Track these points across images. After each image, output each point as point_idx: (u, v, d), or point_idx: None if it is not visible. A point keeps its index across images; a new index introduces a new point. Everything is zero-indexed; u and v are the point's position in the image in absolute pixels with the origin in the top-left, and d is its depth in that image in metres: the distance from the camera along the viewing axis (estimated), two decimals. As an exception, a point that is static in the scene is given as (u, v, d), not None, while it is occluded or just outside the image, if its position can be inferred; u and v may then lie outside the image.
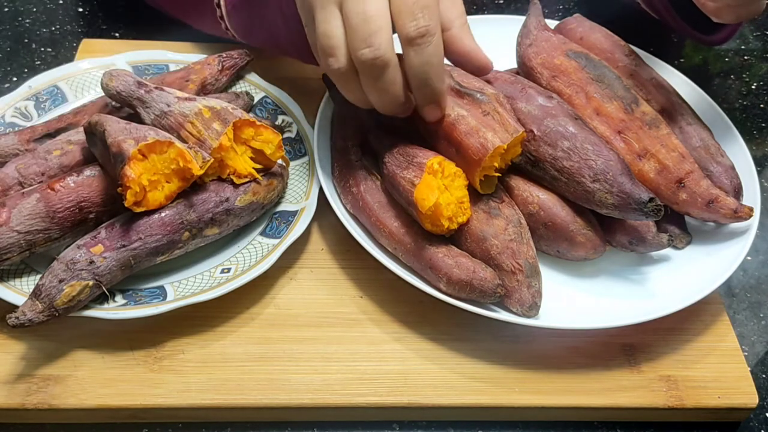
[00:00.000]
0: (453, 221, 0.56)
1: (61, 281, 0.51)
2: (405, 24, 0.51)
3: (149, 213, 0.54)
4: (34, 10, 0.85)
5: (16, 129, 0.64)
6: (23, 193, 0.55)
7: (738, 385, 0.56)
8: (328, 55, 0.53)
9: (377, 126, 0.64)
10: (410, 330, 0.58)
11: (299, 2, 0.56)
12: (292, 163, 0.65)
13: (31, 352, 0.54)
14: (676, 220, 0.62)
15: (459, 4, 0.58)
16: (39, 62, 0.78)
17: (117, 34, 0.81)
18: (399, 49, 0.53)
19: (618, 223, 0.59)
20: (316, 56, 0.56)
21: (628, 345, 0.58)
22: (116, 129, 0.55)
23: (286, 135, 0.67)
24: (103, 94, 0.62)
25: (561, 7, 0.90)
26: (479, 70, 0.59)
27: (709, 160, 0.63)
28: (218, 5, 0.70)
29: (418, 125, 0.60)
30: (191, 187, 0.56)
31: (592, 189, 0.57)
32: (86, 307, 0.53)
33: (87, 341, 0.55)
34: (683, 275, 0.60)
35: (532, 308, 0.55)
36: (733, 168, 0.63)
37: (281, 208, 0.62)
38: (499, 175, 0.58)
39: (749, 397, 0.56)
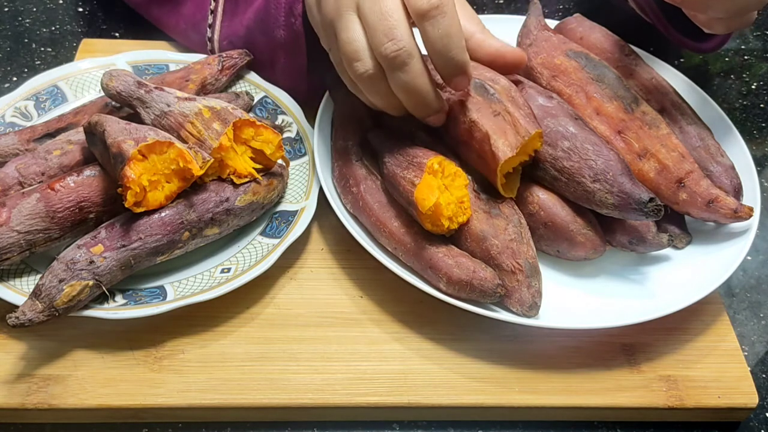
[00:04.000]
0: (453, 221, 0.56)
1: (61, 281, 0.51)
2: (416, 2, 0.51)
3: (149, 213, 0.54)
4: (34, 10, 0.84)
5: (16, 129, 0.64)
6: (23, 193, 0.55)
7: (738, 385, 0.56)
8: (354, 60, 0.53)
9: (377, 126, 0.64)
10: (410, 330, 0.58)
11: (319, 26, 0.57)
12: (292, 163, 0.65)
13: (31, 352, 0.54)
14: (676, 220, 0.62)
15: (476, 18, 0.59)
16: (39, 62, 0.78)
17: (117, 34, 0.81)
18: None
19: (618, 223, 0.59)
20: (341, 73, 0.57)
21: (628, 345, 0.58)
22: (116, 129, 0.55)
23: (286, 135, 0.67)
24: (103, 94, 0.62)
25: (561, 7, 0.90)
26: (514, 66, 0.60)
27: (709, 160, 0.63)
28: (210, 39, 0.72)
29: (442, 134, 0.60)
30: (191, 187, 0.56)
31: (592, 189, 0.57)
32: (86, 307, 0.53)
33: (87, 341, 0.55)
34: (683, 275, 0.60)
35: (532, 308, 0.55)
36: (733, 168, 0.63)
37: (281, 207, 0.62)
38: (519, 172, 0.58)
39: (749, 397, 0.56)
